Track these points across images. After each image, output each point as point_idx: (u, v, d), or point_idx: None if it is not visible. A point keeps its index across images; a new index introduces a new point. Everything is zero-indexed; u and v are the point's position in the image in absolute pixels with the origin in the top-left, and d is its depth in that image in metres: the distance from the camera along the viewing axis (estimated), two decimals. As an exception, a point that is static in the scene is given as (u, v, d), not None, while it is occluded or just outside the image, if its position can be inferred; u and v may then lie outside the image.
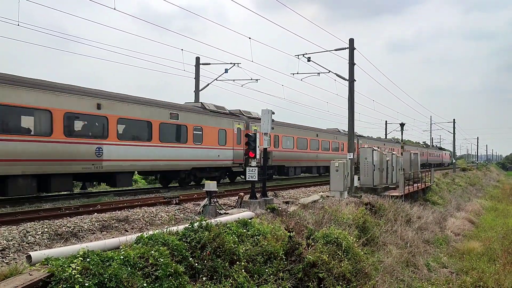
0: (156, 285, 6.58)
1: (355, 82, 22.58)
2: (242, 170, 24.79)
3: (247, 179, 14.63)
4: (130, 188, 20.87)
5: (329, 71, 23.79)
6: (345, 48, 22.55)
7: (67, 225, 9.86)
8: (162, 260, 6.91)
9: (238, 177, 27.31)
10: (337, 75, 23.25)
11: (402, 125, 35.01)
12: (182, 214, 12.71)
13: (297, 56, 23.33)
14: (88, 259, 6.23)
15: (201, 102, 23.41)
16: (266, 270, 8.75)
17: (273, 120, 22.55)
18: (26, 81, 14.06)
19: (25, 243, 8.46)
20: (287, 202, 16.22)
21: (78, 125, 15.77)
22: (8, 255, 7.75)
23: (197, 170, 21.67)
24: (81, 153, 15.41)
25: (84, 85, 16.80)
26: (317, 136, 35.09)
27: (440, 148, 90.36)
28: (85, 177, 16.94)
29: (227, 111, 24.53)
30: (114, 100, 16.90)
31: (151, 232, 8.03)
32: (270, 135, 26.94)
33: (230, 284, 7.64)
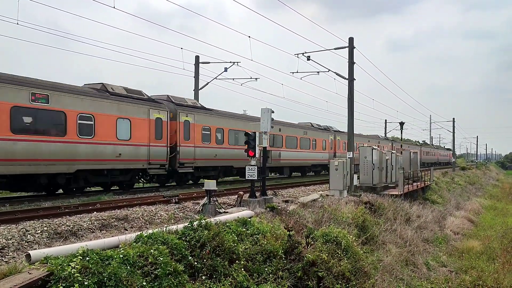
0: (155, 284, 6.58)
1: (354, 81, 22.58)
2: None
3: (246, 178, 14.63)
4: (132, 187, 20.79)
5: (329, 70, 23.80)
6: (344, 47, 22.55)
7: (67, 224, 9.85)
8: (161, 259, 6.92)
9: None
10: (337, 74, 23.24)
11: (401, 124, 34.98)
12: (181, 213, 12.71)
13: (296, 55, 23.33)
14: (87, 258, 6.23)
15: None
16: (266, 269, 8.76)
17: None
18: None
19: (24, 242, 8.46)
20: (286, 201, 16.22)
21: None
22: (7, 254, 7.75)
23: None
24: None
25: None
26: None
27: (448, 149, 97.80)
28: None
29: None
30: None
31: (150, 231, 8.04)
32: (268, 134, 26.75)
33: (229, 283, 7.65)
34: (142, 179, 20.39)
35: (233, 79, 28.94)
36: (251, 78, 28.74)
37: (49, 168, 14.98)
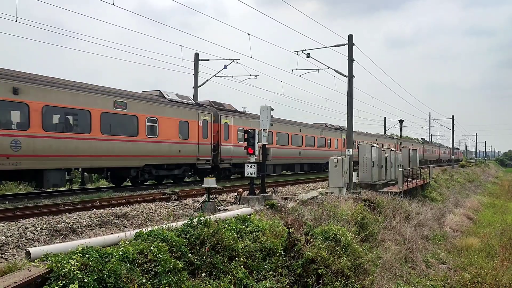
0: (155, 281, 6.59)
1: (354, 78, 22.56)
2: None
3: (246, 175, 14.63)
4: (128, 184, 20.84)
5: (328, 67, 23.78)
6: (344, 44, 22.51)
7: (66, 221, 9.85)
8: (161, 256, 6.92)
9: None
10: (336, 71, 23.22)
11: (401, 121, 34.98)
12: (181, 210, 12.71)
13: (296, 52, 23.29)
14: (87, 255, 6.23)
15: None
16: (265, 266, 8.77)
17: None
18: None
19: (24, 239, 8.46)
20: (286, 198, 16.23)
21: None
22: (7, 251, 7.75)
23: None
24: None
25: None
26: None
27: (457, 148, 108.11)
28: None
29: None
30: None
31: (150, 228, 8.04)
32: (271, 132, 26.93)
33: (229, 280, 7.66)
34: (190, 173, 22.96)
35: (233, 76, 28.98)
36: (250, 75, 28.79)
37: (126, 162, 17.87)
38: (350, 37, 22.44)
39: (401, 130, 36.19)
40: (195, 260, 7.68)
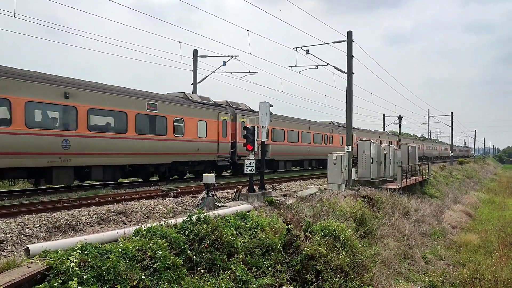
0: (154, 277, 6.59)
1: (353, 75, 22.54)
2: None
3: (244, 172, 14.63)
4: (128, 181, 20.84)
5: (327, 63, 23.76)
6: (343, 41, 22.48)
7: (65, 218, 9.84)
8: (160, 252, 6.92)
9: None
10: (335, 68, 23.20)
11: (400, 118, 35.03)
12: (180, 207, 12.71)
13: (295, 49, 23.27)
14: (86, 252, 6.23)
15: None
16: (264, 262, 8.78)
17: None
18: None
19: (23, 236, 8.45)
20: (285, 195, 16.24)
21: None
22: (6, 248, 7.74)
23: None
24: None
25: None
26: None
27: (467, 147, 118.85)
28: None
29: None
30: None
31: (149, 225, 8.04)
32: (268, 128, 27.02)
33: (228, 277, 7.67)
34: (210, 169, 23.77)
35: (232, 73, 28.93)
36: (249, 72, 28.72)
37: (156, 159, 19.10)
38: (349, 34, 22.40)
39: (400, 127, 36.22)
40: (194, 257, 7.68)
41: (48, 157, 14.52)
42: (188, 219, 8.60)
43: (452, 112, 67.73)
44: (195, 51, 28.22)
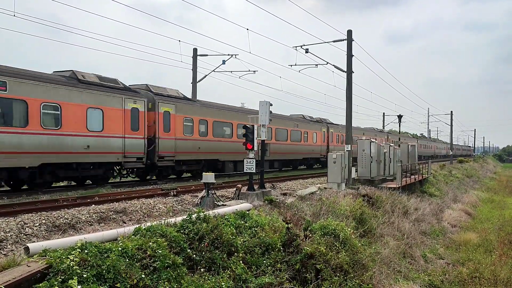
0: (154, 276, 6.59)
1: (353, 74, 22.53)
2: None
3: (244, 170, 14.63)
4: (127, 179, 20.83)
5: (327, 62, 23.74)
6: (343, 40, 22.46)
7: (65, 216, 9.84)
8: (160, 251, 6.92)
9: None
10: (335, 67, 23.18)
11: (399, 117, 35.04)
12: (180, 206, 12.71)
13: (295, 48, 23.24)
14: (86, 251, 6.24)
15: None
16: (264, 261, 8.78)
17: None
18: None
19: (22, 234, 8.45)
20: (284, 194, 16.24)
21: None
22: (5, 247, 7.74)
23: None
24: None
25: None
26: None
27: (469, 146, 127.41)
28: None
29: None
30: None
31: (149, 224, 8.04)
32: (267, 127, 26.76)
33: (228, 276, 7.67)
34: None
35: (231, 71, 28.86)
36: (249, 70, 28.66)
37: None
38: (349, 33, 22.38)
39: (399, 126, 36.22)
40: (194, 256, 7.68)
41: None
42: (188, 218, 8.60)
43: (452, 111, 67.79)
44: (195, 50, 28.19)
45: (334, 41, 22.95)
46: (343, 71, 22.55)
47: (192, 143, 21.89)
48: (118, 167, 18.84)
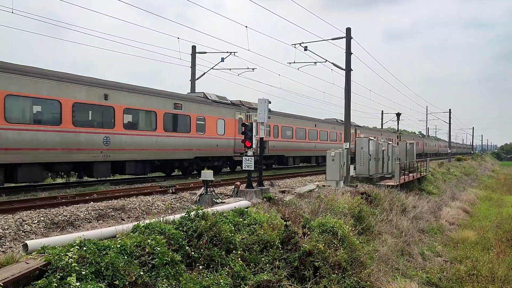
0: (152, 273, 6.60)
1: (351, 72, 22.54)
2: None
3: (243, 168, 14.64)
4: (126, 177, 20.83)
5: (326, 60, 23.76)
6: (342, 38, 22.48)
7: (63, 214, 9.85)
8: (158, 248, 6.93)
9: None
10: (334, 65, 23.19)
11: (398, 115, 34.99)
12: (178, 203, 12.72)
13: (294, 45, 23.25)
14: (84, 248, 6.24)
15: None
16: (262, 258, 8.79)
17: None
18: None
19: (21, 231, 8.45)
20: (283, 191, 16.26)
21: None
22: (4, 244, 7.75)
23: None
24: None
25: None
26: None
27: (470, 145, 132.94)
28: None
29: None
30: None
31: (147, 221, 8.05)
32: (269, 125, 27.08)
33: (226, 273, 7.68)
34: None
35: (230, 69, 29.02)
36: (248, 68, 28.77)
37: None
38: (348, 30, 22.39)
39: (398, 124, 36.25)
40: (193, 253, 7.69)
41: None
42: (187, 215, 8.61)
43: (450, 109, 67.92)
44: (194, 47, 28.18)
45: (333, 39, 22.97)
46: (342, 69, 22.57)
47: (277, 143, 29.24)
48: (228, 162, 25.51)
